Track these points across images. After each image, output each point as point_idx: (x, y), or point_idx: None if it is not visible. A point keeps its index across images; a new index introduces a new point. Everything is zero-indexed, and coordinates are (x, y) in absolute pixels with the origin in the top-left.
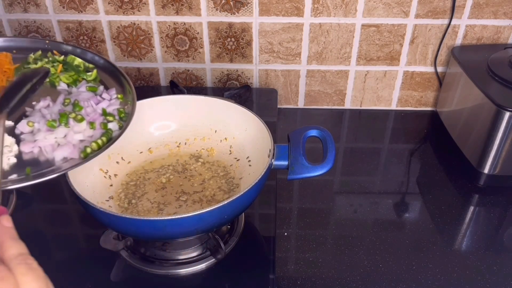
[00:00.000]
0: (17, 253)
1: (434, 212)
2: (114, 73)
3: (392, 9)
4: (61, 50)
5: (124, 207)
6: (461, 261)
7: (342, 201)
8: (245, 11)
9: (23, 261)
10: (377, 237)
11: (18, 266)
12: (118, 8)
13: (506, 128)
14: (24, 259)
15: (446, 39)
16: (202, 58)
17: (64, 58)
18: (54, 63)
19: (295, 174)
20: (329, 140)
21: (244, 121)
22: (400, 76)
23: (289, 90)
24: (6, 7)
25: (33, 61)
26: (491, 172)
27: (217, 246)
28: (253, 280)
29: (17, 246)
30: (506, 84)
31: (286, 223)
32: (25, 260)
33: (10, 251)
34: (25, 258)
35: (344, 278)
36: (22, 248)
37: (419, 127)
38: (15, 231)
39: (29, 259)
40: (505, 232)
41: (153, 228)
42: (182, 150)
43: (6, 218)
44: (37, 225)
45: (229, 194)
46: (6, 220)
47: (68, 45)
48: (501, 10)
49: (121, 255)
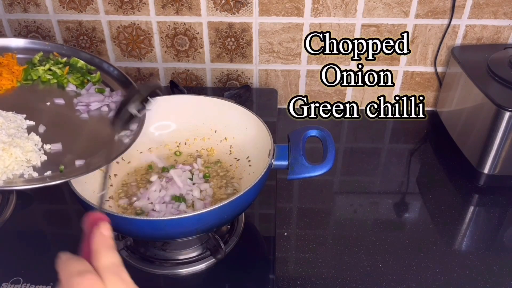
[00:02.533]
0: (111, 263)
1: (434, 212)
2: (120, 79)
3: (392, 9)
4: (76, 55)
5: (124, 207)
6: (461, 261)
7: (342, 201)
8: (245, 11)
9: (115, 272)
10: (377, 237)
11: (110, 276)
12: (118, 8)
13: (506, 128)
14: (117, 270)
15: (446, 39)
16: (202, 58)
17: (68, 60)
18: (58, 64)
19: (295, 174)
20: (329, 140)
21: (244, 121)
22: (400, 76)
23: (289, 90)
24: (6, 7)
25: (38, 62)
26: (491, 172)
27: (217, 246)
28: (253, 280)
29: (112, 256)
30: (506, 84)
31: (286, 223)
32: (118, 271)
33: (104, 261)
34: (118, 269)
35: (344, 278)
36: (115, 259)
37: (419, 127)
38: (112, 241)
39: (122, 271)
40: (505, 232)
41: (153, 228)
42: (182, 150)
43: (106, 227)
44: (37, 225)
45: (229, 194)
46: (105, 229)
47: (86, 53)
48: (501, 10)
49: (121, 255)
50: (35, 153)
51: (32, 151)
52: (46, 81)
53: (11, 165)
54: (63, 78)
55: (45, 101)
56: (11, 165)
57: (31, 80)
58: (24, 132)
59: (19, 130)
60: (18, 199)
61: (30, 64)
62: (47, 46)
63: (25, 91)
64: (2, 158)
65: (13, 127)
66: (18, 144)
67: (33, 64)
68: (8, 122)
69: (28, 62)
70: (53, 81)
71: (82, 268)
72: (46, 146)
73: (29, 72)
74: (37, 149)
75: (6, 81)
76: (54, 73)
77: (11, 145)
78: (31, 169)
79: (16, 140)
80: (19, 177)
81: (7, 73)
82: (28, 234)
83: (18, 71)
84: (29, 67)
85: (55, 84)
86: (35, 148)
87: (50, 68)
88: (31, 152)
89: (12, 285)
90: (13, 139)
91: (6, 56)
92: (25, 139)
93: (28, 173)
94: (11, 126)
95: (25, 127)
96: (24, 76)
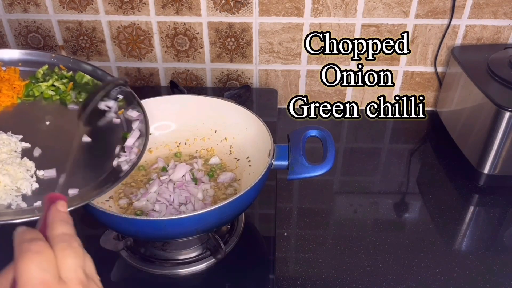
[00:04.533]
0: (62, 233)
1: (434, 212)
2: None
3: (392, 9)
4: (79, 68)
5: (124, 207)
6: (461, 261)
7: (342, 201)
8: (245, 11)
9: (65, 240)
10: (377, 237)
11: (59, 244)
12: (118, 8)
13: (506, 128)
14: (67, 238)
15: (446, 39)
16: (202, 58)
17: (73, 75)
18: (63, 79)
19: (295, 174)
20: (329, 140)
21: (244, 121)
22: (400, 76)
23: (289, 90)
24: (6, 7)
25: (42, 76)
26: (491, 172)
27: (217, 246)
28: (253, 280)
29: (64, 227)
30: (506, 84)
31: (286, 223)
32: (68, 239)
33: (56, 231)
34: (68, 237)
35: (344, 278)
36: (67, 229)
37: (419, 127)
38: (67, 216)
39: (71, 238)
40: (505, 232)
41: (153, 228)
42: (182, 150)
43: (62, 204)
44: None
45: (229, 194)
46: (61, 206)
47: (88, 65)
48: (501, 10)
49: (121, 255)
50: (26, 180)
51: (23, 178)
52: (49, 97)
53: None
54: (66, 94)
55: (45, 120)
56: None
57: (32, 96)
58: (17, 157)
59: (12, 155)
60: None
61: (33, 79)
62: (53, 59)
63: (25, 108)
64: None
65: (6, 151)
66: (8, 172)
67: (36, 79)
68: (1, 145)
69: (31, 77)
70: (55, 97)
71: (33, 236)
72: (39, 172)
73: (31, 87)
74: (28, 176)
75: (5, 98)
76: (57, 89)
77: (0, 172)
78: (20, 198)
79: (6, 166)
80: (6, 208)
81: (7, 89)
82: None
83: (20, 86)
84: (31, 82)
85: (58, 101)
86: (26, 175)
87: (53, 83)
88: (22, 180)
89: None
90: (3, 165)
91: (8, 70)
92: (16, 165)
93: (16, 203)
94: (3, 150)
95: (19, 150)
96: (25, 92)
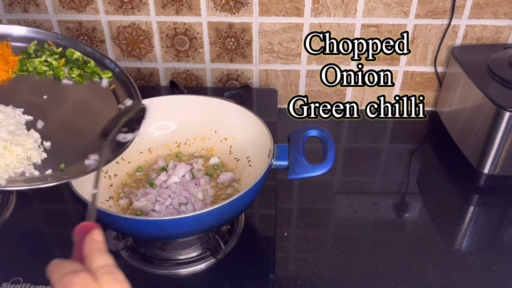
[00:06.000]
0: (103, 264)
1: (434, 212)
2: (120, 78)
3: (392, 9)
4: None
5: (124, 207)
6: (461, 261)
7: (342, 201)
8: (245, 11)
9: (109, 272)
10: (377, 237)
11: (104, 276)
12: (118, 8)
13: (506, 128)
14: (110, 270)
15: (446, 39)
16: (202, 58)
17: (63, 51)
18: (54, 55)
19: (295, 174)
20: (329, 140)
21: (244, 121)
22: (400, 76)
23: (289, 90)
24: (6, 7)
25: (33, 52)
26: (491, 172)
27: (217, 246)
28: (253, 280)
29: (104, 258)
30: (506, 84)
31: (286, 223)
32: (111, 271)
33: (97, 262)
34: (111, 269)
35: (344, 278)
36: (108, 260)
37: (419, 127)
38: (104, 245)
39: (115, 270)
40: (505, 232)
41: (153, 228)
42: (182, 150)
43: (97, 232)
44: (37, 225)
45: (229, 194)
46: (96, 234)
47: (86, 45)
48: (501, 10)
49: (121, 255)
50: (35, 150)
51: (33, 148)
52: (42, 72)
53: (13, 163)
54: (59, 70)
55: (41, 94)
56: (13, 163)
57: (26, 71)
58: (23, 129)
59: (19, 127)
60: (18, 199)
61: (25, 54)
62: (42, 34)
63: (21, 82)
64: (4, 157)
65: (13, 123)
66: (19, 142)
67: (28, 54)
68: (7, 118)
69: (23, 52)
70: (49, 72)
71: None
72: (46, 143)
73: (24, 62)
74: (37, 147)
75: (2, 72)
76: (50, 64)
77: (12, 143)
78: (32, 167)
79: (17, 137)
80: (20, 176)
81: (2, 63)
82: (28, 234)
83: (14, 61)
84: (24, 58)
85: (51, 76)
86: (35, 146)
87: (46, 59)
88: (32, 150)
89: (12, 285)
90: (13, 136)
91: (1, 45)
92: (25, 136)
93: (30, 172)
94: (10, 122)
95: (23, 123)
96: (19, 67)
